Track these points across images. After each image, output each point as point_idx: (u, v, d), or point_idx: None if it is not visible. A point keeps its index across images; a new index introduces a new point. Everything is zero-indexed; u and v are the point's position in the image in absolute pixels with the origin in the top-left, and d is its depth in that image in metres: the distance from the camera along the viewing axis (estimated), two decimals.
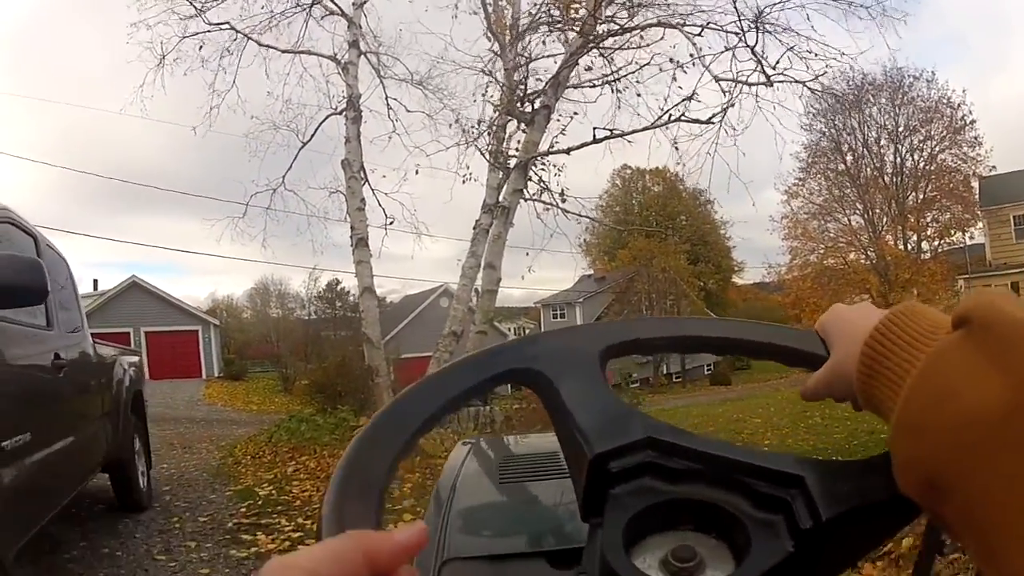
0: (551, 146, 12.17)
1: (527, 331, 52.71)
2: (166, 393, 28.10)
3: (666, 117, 11.67)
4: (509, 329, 43.13)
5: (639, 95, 12.05)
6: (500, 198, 12.07)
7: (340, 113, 13.67)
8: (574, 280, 43.91)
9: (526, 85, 12.26)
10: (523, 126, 12.26)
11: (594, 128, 11.86)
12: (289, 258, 58.05)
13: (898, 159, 38.12)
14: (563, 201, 12.23)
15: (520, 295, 50.30)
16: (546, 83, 12.12)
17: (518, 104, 12.17)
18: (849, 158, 38.84)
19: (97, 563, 5.41)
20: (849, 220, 38.61)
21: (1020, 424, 0.43)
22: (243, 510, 7.28)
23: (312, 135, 14.29)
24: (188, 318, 39.96)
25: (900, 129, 37.79)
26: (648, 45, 11.95)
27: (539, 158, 12.09)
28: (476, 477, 1.54)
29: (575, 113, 12.30)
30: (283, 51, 14.27)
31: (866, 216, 37.82)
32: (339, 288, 50.78)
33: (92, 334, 6.16)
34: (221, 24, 13.87)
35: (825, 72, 11.86)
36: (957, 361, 0.49)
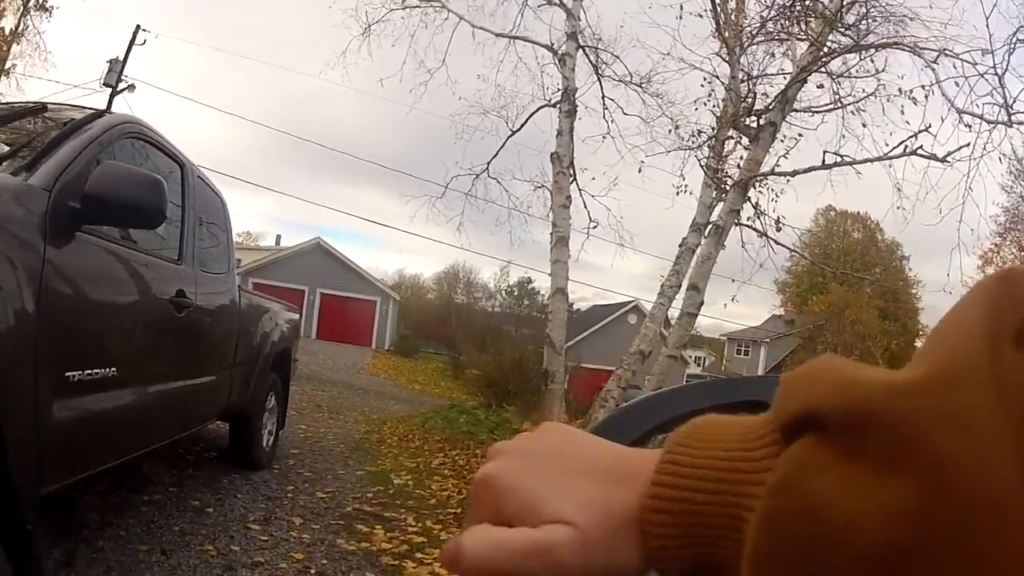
0: (773, 168, 11.41)
1: (708, 362, 51.52)
2: (330, 355, 28.72)
3: (900, 148, 10.52)
4: (691, 357, 42.08)
5: (864, 125, 11.07)
6: (714, 217, 11.42)
7: (554, 105, 13.31)
8: (764, 318, 42.37)
9: (754, 96, 11.43)
10: (744, 142, 11.57)
11: (824, 152, 10.98)
12: (483, 247, 58.58)
13: None
14: (778, 231, 11.50)
15: (706, 324, 49.04)
16: (773, 99, 11.27)
17: (743, 117, 11.35)
18: None
19: (177, 513, 4.99)
20: None
21: (952, 528, 0.31)
22: (369, 495, 6.74)
23: (523, 124, 14.05)
24: (368, 287, 40.97)
25: None
26: (877, 73, 10.91)
27: (759, 179, 11.34)
28: None
29: (800, 135, 11.48)
30: (497, 35, 14.08)
31: None
32: (529, 287, 51.02)
33: (263, 286, 5.84)
34: (432, 1, 13.90)
35: None
36: (832, 476, 0.35)
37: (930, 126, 10.23)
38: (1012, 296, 0.35)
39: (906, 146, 10.43)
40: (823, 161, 10.97)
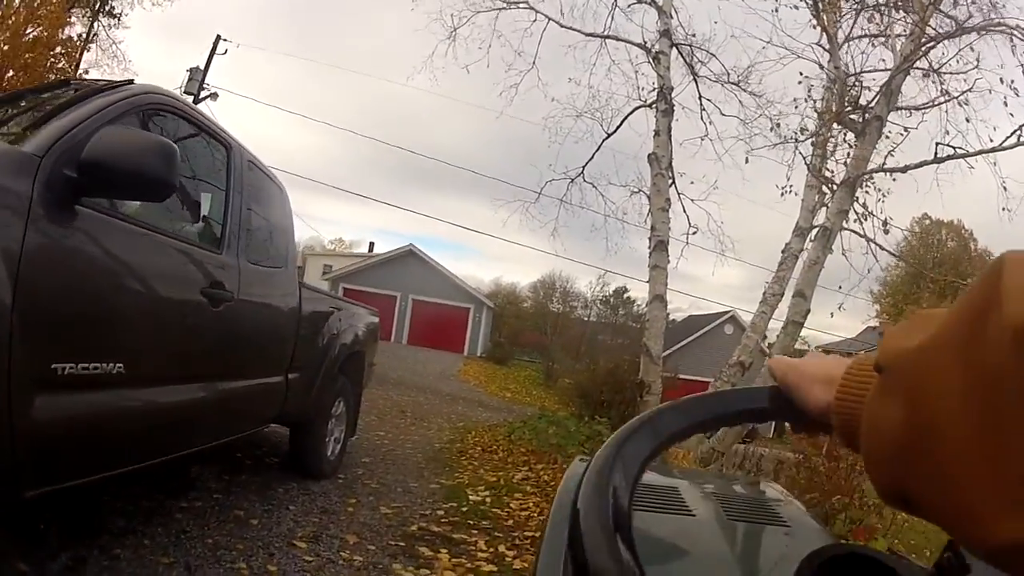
0: (881, 166, 10.75)
1: None
2: (420, 360, 28.50)
3: (1014, 139, 9.69)
4: None
5: (968, 120, 10.30)
6: (820, 220, 10.93)
7: (649, 106, 12.85)
8: (859, 330, 40.84)
9: (860, 86, 10.73)
10: (849, 139, 10.98)
11: (936, 143, 10.24)
12: (579, 255, 58.00)
13: None
14: (886, 233, 10.91)
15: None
16: (878, 91, 10.59)
17: (848, 110, 10.66)
18: None
19: (216, 524, 4.53)
20: None
21: (921, 439, 0.54)
22: (440, 513, 6.17)
23: (618, 127, 13.60)
24: (461, 295, 40.74)
25: None
26: (978, 64, 10.18)
27: (867, 177, 10.68)
28: None
29: (905, 130, 10.79)
30: (587, 35, 13.64)
31: None
32: (625, 296, 50.51)
33: (354, 291, 5.44)
34: (519, 2, 13.59)
35: None
36: (881, 400, 0.60)
37: None
38: (994, 283, 0.49)
39: (1019, 135, 9.63)
40: (935, 154, 10.28)
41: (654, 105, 12.54)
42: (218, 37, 23.58)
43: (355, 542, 4.83)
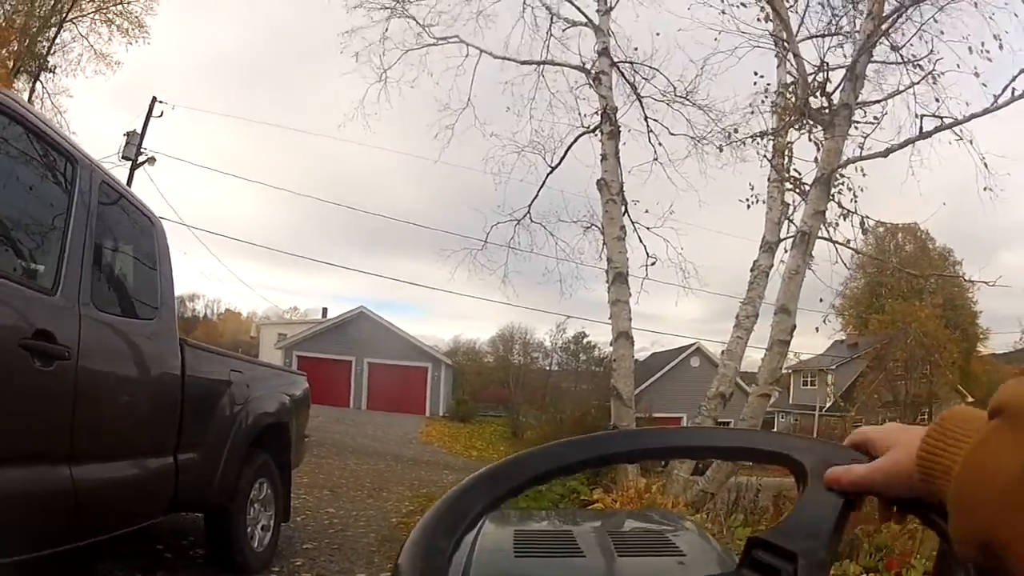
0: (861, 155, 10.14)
1: (774, 398, 49.59)
2: (380, 426, 27.55)
3: (1008, 94, 8.96)
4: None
5: (937, 99, 9.76)
6: (794, 230, 10.26)
7: (593, 131, 12.34)
8: (825, 346, 40.50)
9: (827, 71, 10.06)
10: (817, 137, 10.27)
11: (920, 116, 9.57)
12: (534, 301, 57.38)
13: None
14: (864, 232, 10.35)
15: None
16: (843, 76, 9.96)
17: (814, 95, 9.98)
18: None
19: None
20: None
21: None
22: None
23: (562, 158, 13.04)
24: (418, 354, 39.79)
25: None
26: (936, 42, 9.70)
27: (840, 177, 10.04)
28: (493, 550, 1.57)
29: (876, 117, 10.15)
30: (523, 62, 13.15)
31: None
32: (585, 340, 50.01)
33: (309, 359, 4.38)
34: (449, 38, 13.13)
35: None
36: (996, 444, 0.61)
37: None
38: None
39: (1013, 89, 8.92)
40: (920, 129, 9.60)
41: (598, 129, 12.03)
42: (154, 99, 22.64)
43: None
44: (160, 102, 22.84)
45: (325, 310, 46.85)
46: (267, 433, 5.39)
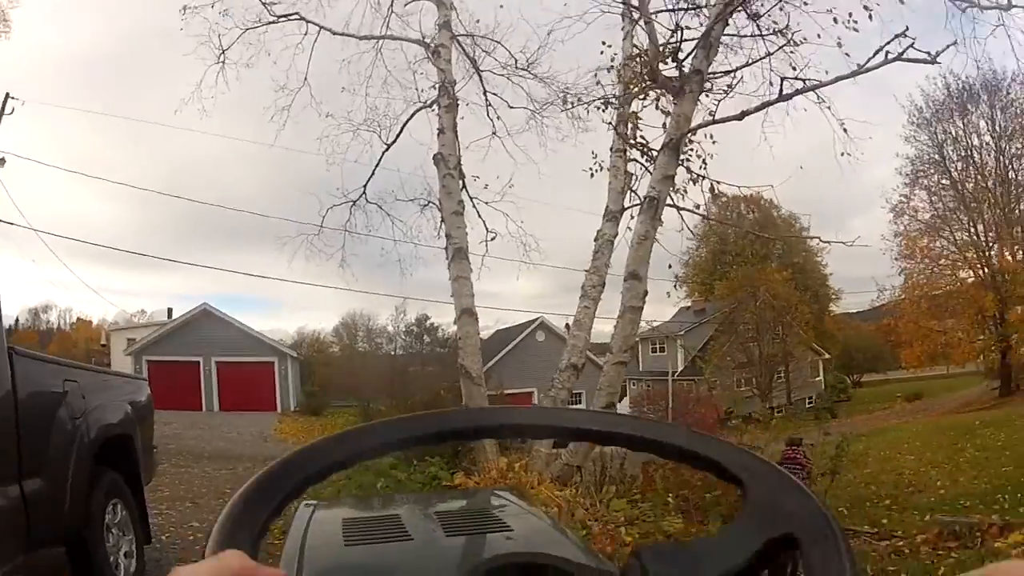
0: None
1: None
2: (234, 426, 27.01)
3: (881, 56, 9.22)
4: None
5: (794, 67, 10.00)
6: (647, 188, 10.25)
7: (430, 106, 12.30)
8: (671, 313, 41.54)
9: (681, 32, 10.14)
10: (665, 105, 10.40)
11: (781, 79, 9.71)
12: (375, 286, 56.42)
13: (1001, 166, 35.35)
14: (715, 197, 10.63)
15: (607, 330, 48.44)
16: (696, 43, 10.00)
17: (666, 59, 10.10)
18: (953, 170, 36.46)
19: None
20: (954, 236, 36.24)
21: None
22: None
23: (398, 135, 12.97)
24: (264, 349, 38.84)
25: (1000, 134, 34.98)
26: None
27: (689, 141, 10.12)
28: (323, 541, 1.67)
29: (737, 80, 10.36)
30: (362, 38, 13.00)
31: (972, 230, 35.55)
32: (428, 323, 49.76)
33: (159, 363, 3.94)
34: (290, 15, 12.78)
35: None
36: None
37: (907, 29, 9.16)
38: None
39: (887, 52, 9.20)
40: (780, 92, 9.75)
41: (435, 103, 11.93)
42: (7, 96, 21.08)
43: None
44: (12, 98, 21.39)
45: (170, 310, 44.63)
46: (111, 448, 4.87)
